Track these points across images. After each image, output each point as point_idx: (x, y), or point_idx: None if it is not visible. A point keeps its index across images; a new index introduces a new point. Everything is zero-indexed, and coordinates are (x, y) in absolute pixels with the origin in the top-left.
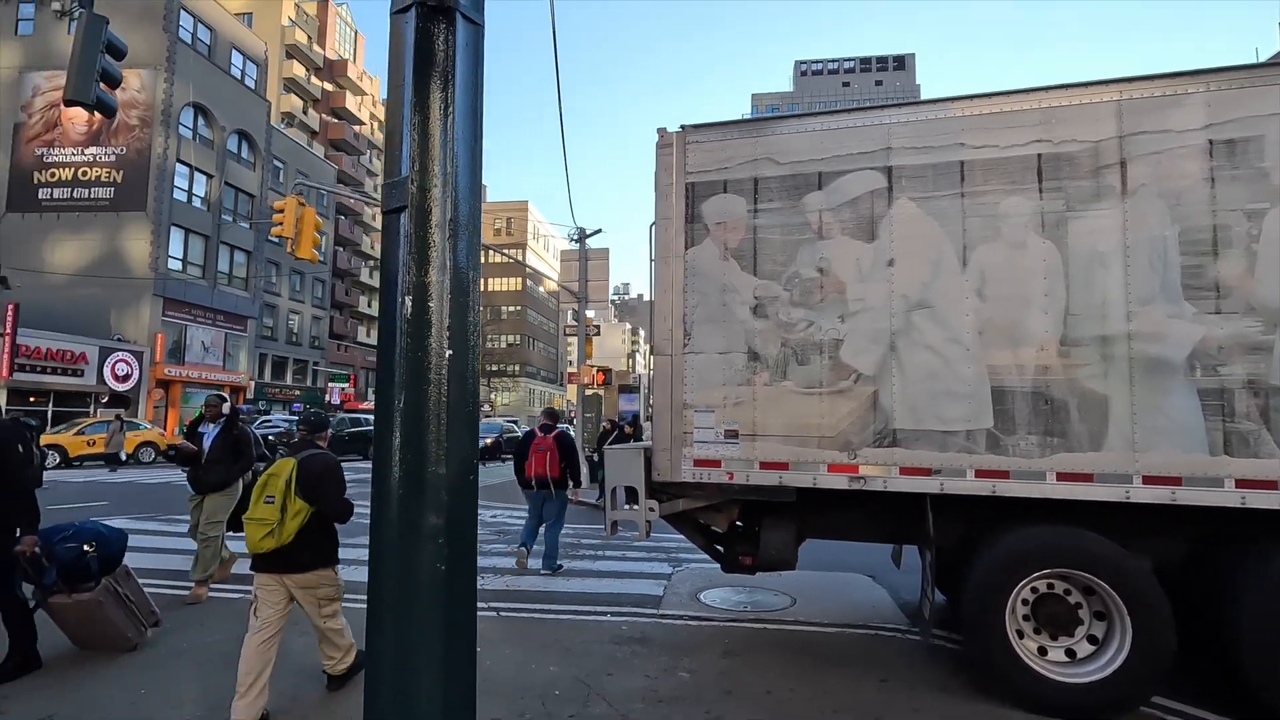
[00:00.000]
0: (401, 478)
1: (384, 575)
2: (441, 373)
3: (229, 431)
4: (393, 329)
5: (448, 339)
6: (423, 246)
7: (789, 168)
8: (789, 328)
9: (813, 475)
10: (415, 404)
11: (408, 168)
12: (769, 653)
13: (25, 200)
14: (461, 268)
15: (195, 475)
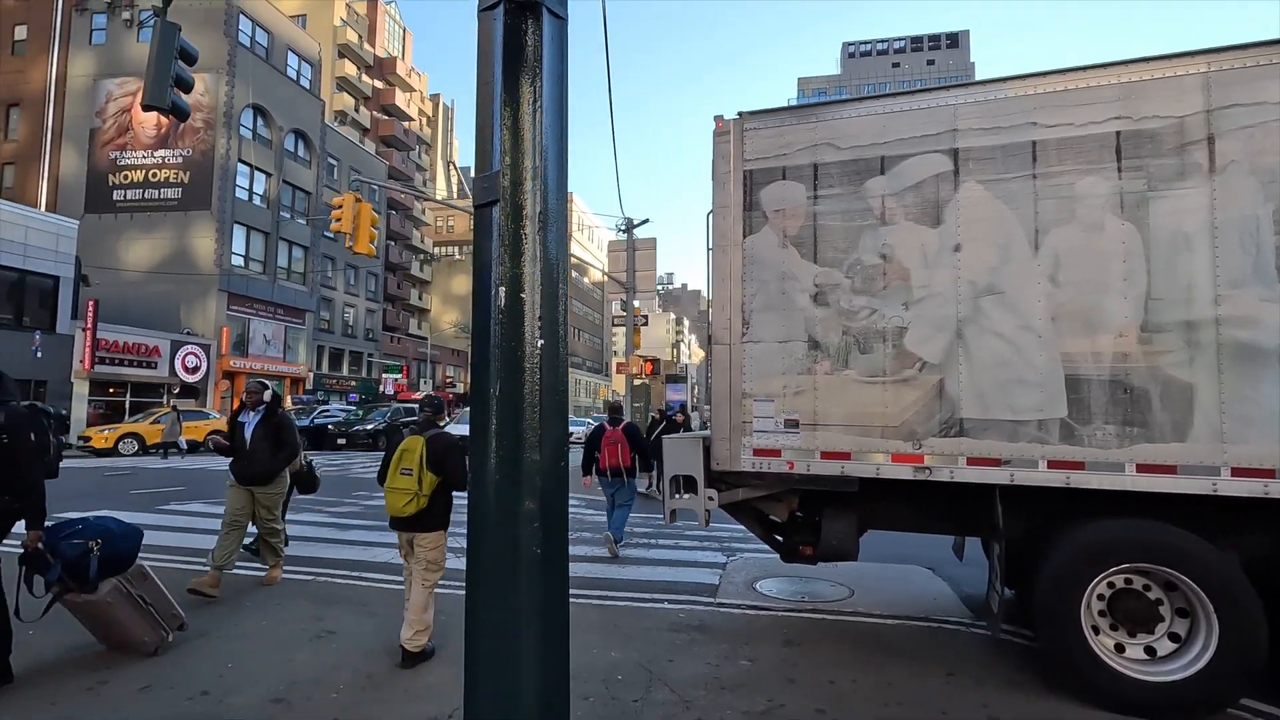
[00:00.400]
0: (498, 464)
1: (482, 558)
2: (534, 361)
3: (269, 419)
4: (487, 319)
5: (539, 328)
6: (515, 239)
7: (850, 152)
8: (851, 315)
9: (876, 465)
10: (510, 392)
11: (499, 162)
12: (829, 643)
13: (101, 202)
14: (551, 259)
15: (239, 466)
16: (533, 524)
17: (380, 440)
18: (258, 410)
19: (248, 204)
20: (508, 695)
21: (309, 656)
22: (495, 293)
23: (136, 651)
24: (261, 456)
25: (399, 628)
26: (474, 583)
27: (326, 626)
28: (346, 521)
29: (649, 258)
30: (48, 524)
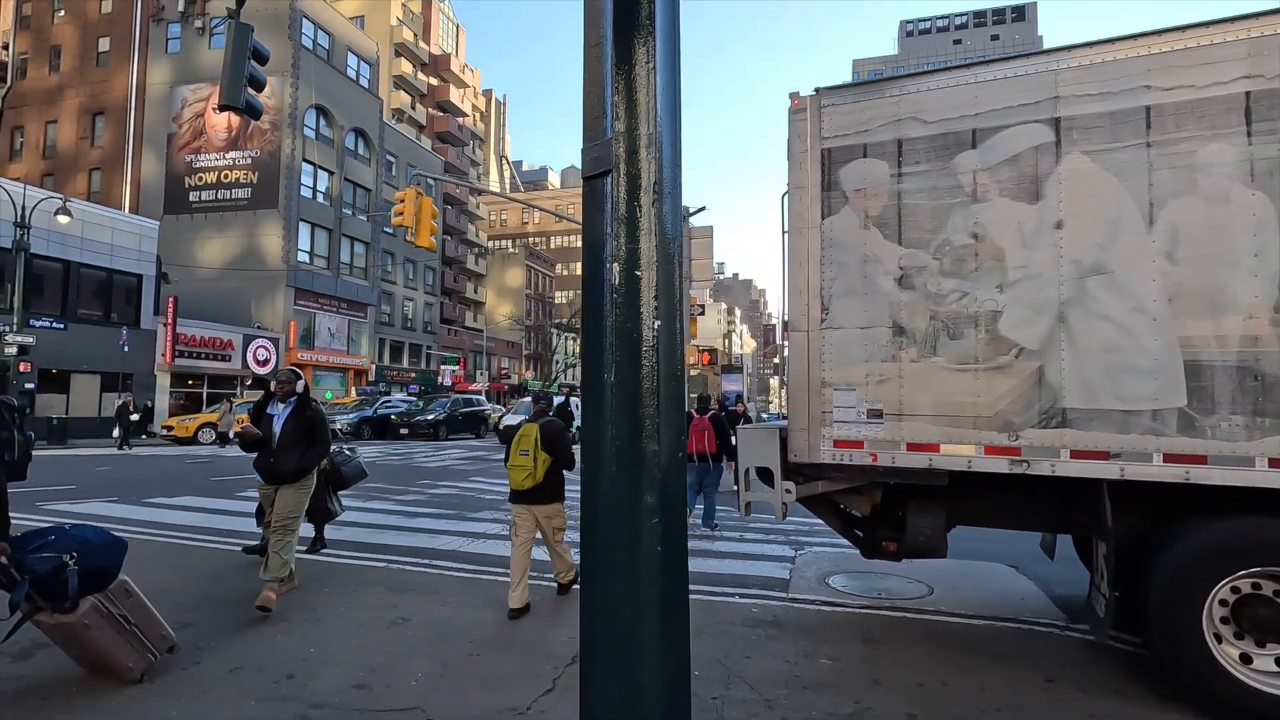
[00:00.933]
0: (616, 454)
1: (600, 552)
2: (652, 344)
3: (302, 413)
4: (600, 299)
5: (656, 308)
6: (631, 211)
7: (937, 126)
8: (939, 299)
9: (967, 458)
10: (626, 378)
11: (610, 130)
12: (912, 643)
13: (178, 203)
14: (668, 234)
15: (266, 463)
16: (652, 519)
17: (441, 429)
18: (289, 402)
19: (312, 202)
20: (629, 693)
21: (386, 643)
22: (609, 270)
23: (119, 678)
24: (292, 453)
25: (470, 614)
26: (592, 578)
27: (401, 614)
28: (413, 510)
29: (705, 246)
30: (14, 534)
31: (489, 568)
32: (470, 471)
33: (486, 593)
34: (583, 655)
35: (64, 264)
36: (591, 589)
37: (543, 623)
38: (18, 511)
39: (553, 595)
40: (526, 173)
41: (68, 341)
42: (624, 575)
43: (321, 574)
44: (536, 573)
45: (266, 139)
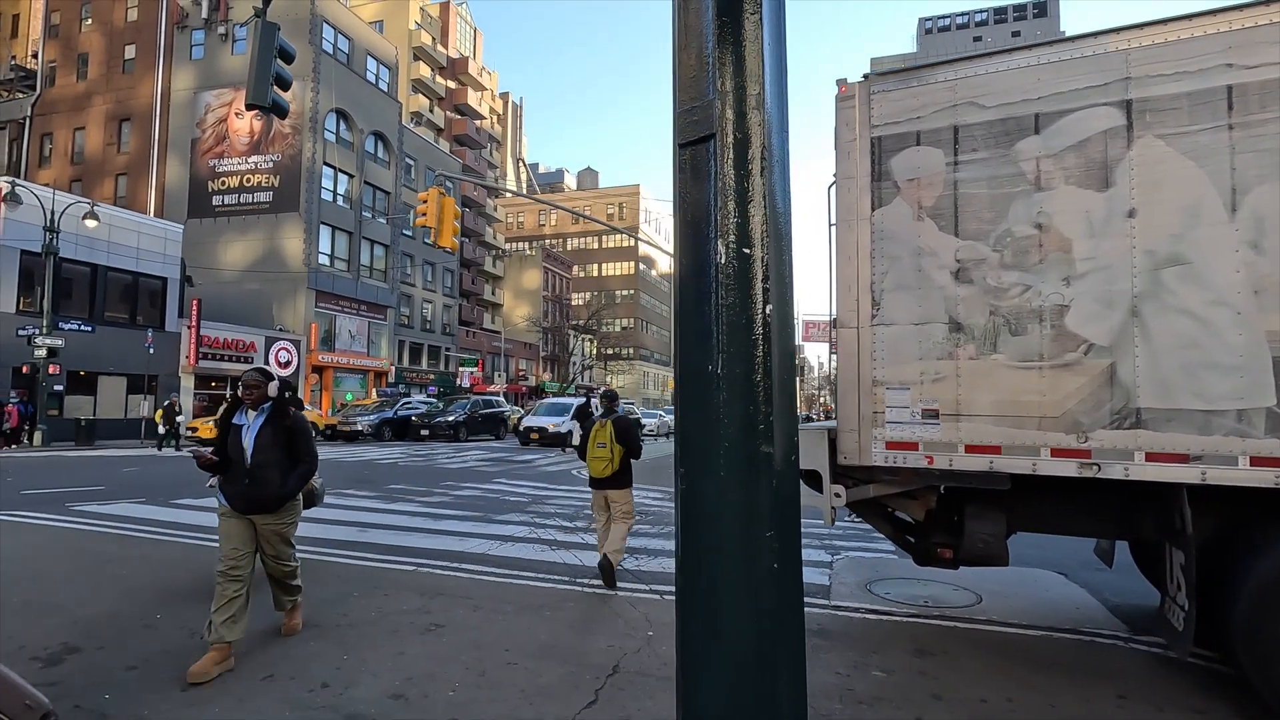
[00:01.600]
0: (724, 457)
1: (701, 567)
2: (763, 331)
3: (279, 421)
4: (704, 280)
5: (767, 290)
6: (740, 181)
7: (997, 111)
8: (999, 293)
9: (1031, 460)
10: (735, 369)
11: (713, 89)
12: (968, 654)
13: (202, 206)
14: (779, 207)
15: (236, 486)
16: (767, 531)
17: (461, 431)
18: (261, 410)
19: (332, 205)
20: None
21: (421, 650)
22: (714, 248)
23: None
24: (269, 474)
25: (504, 620)
26: (692, 592)
27: (434, 619)
28: (439, 511)
29: None
30: None
31: (519, 571)
32: (493, 473)
33: (519, 598)
34: (682, 676)
35: (91, 267)
36: (691, 605)
37: (579, 630)
38: (49, 512)
39: (589, 600)
40: (543, 175)
41: (95, 344)
42: (735, 593)
43: (351, 576)
44: (568, 576)
45: (288, 143)
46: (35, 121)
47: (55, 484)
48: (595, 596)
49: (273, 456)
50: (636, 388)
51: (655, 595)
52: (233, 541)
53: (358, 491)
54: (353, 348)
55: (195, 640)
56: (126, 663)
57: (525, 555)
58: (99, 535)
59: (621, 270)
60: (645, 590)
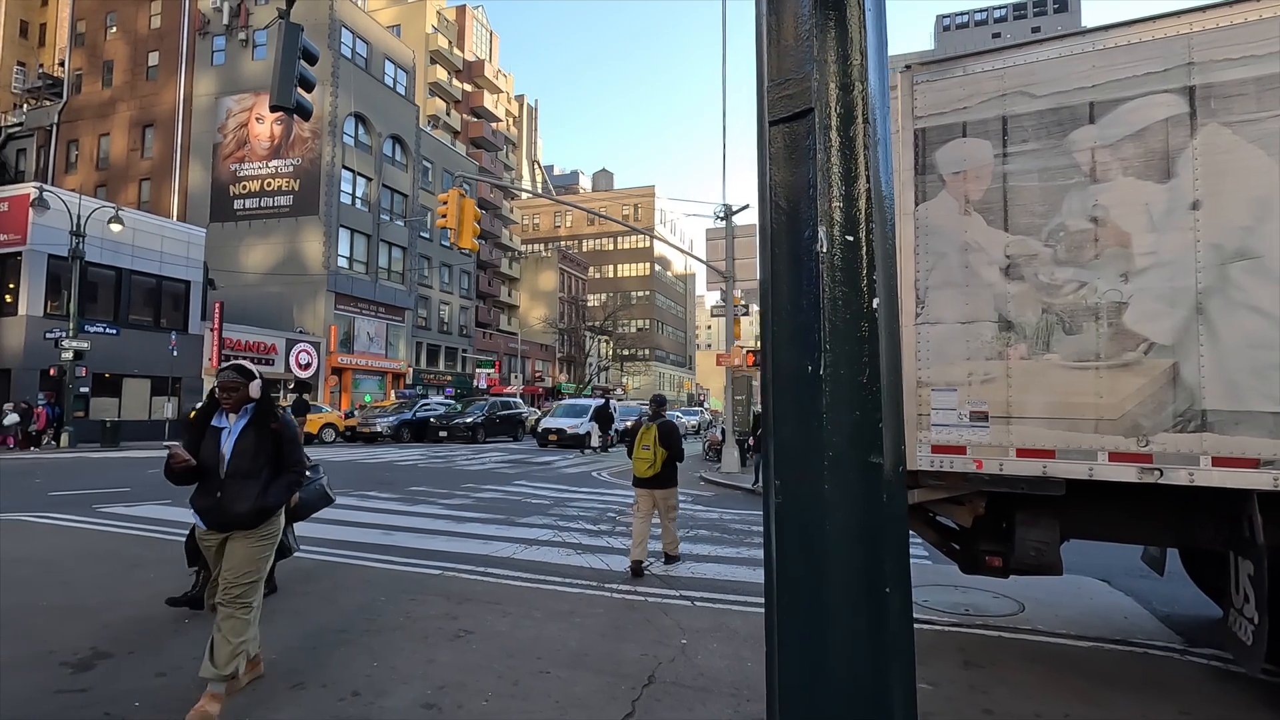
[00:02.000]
0: (830, 470)
1: (802, 593)
2: (870, 327)
3: (263, 425)
4: (803, 272)
5: (874, 282)
6: (845, 160)
7: (1049, 100)
8: (1053, 290)
9: (1088, 465)
10: (840, 371)
11: (810, 60)
12: (1017, 666)
13: (223, 210)
14: (884, 190)
15: (208, 499)
16: (878, 550)
17: (479, 432)
18: (243, 412)
19: (351, 208)
20: None
21: (451, 658)
22: (814, 235)
23: None
24: (248, 486)
25: (534, 627)
26: (789, 615)
27: (463, 625)
28: (462, 514)
29: (750, 245)
30: None
31: (545, 576)
32: (513, 475)
33: (547, 604)
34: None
35: (116, 271)
36: (791, 633)
37: (610, 637)
38: (76, 514)
39: (619, 606)
40: (558, 177)
41: (120, 346)
42: (844, 622)
43: (377, 580)
44: (596, 582)
45: (307, 147)
46: (62, 128)
47: (82, 485)
48: (624, 603)
49: (253, 466)
50: (652, 389)
51: (686, 601)
52: (215, 561)
53: (380, 493)
54: (371, 349)
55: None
56: (157, 669)
57: (551, 559)
58: (126, 537)
59: (637, 271)
60: (675, 596)
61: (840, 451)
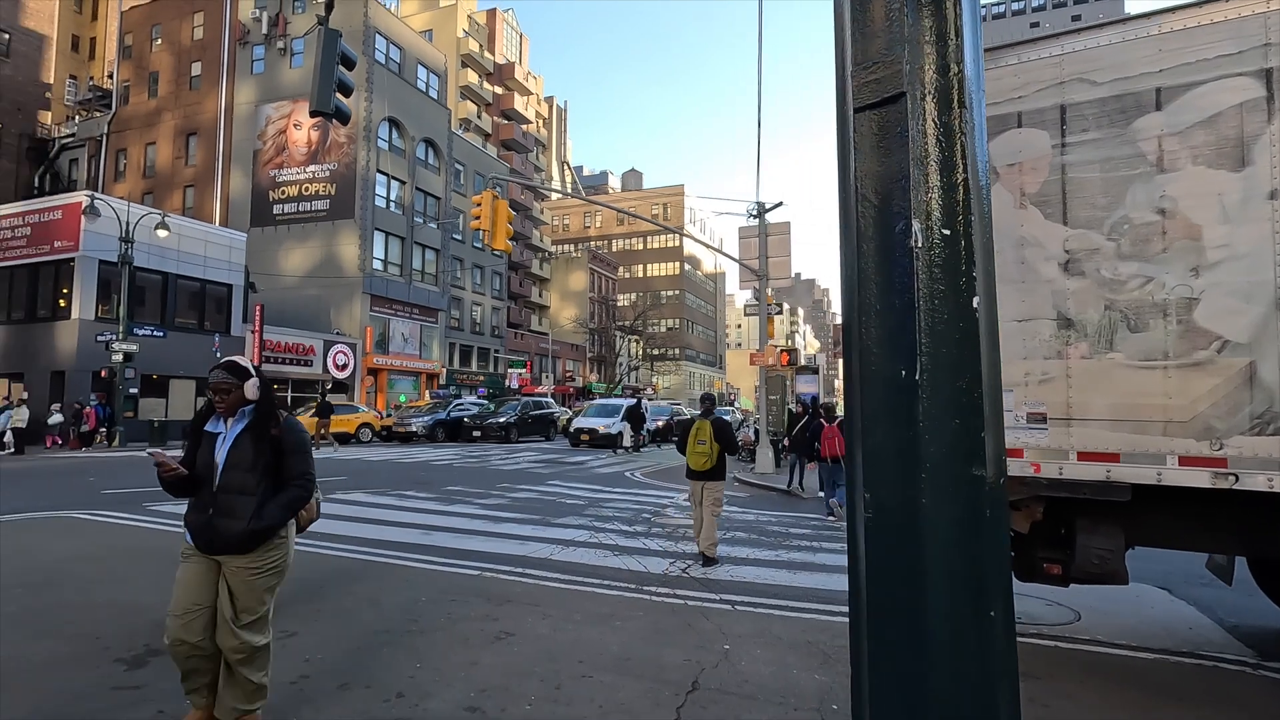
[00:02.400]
0: (929, 483)
1: (897, 617)
2: (970, 329)
3: (262, 430)
4: (896, 269)
5: (973, 280)
6: (942, 146)
7: (1110, 87)
8: (1116, 286)
9: (1155, 469)
10: (938, 376)
11: (901, 42)
12: (1078, 679)
13: (263, 215)
14: (980, 181)
15: (202, 515)
16: (983, 571)
17: (512, 432)
18: (239, 416)
19: (386, 211)
20: None
21: (493, 660)
22: (906, 228)
23: None
24: (241, 501)
25: (574, 629)
26: (883, 643)
27: (504, 627)
28: (497, 514)
29: (782, 243)
30: None
31: (583, 578)
32: (546, 475)
33: (587, 606)
34: None
35: (163, 276)
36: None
37: (651, 641)
38: (128, 512)
39: (658, 609)
40: (587, 178)
41: (166, 348)
42: (948, 650)
43: (417, 580)
44: (634, 584)
45: (343, 152)
46: (111, 138)
47: (133, 484)
48: (664, 606)
49: (249, 479)
50: (682, 388)
51: (726, 605)
52: (189, 593)
53: (417, 493)
54: (405, 350)
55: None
56: None
57: (588, 560)
58: (178, 535)
59: (666, 270)
60: (715, 600)
61: (939, 463)
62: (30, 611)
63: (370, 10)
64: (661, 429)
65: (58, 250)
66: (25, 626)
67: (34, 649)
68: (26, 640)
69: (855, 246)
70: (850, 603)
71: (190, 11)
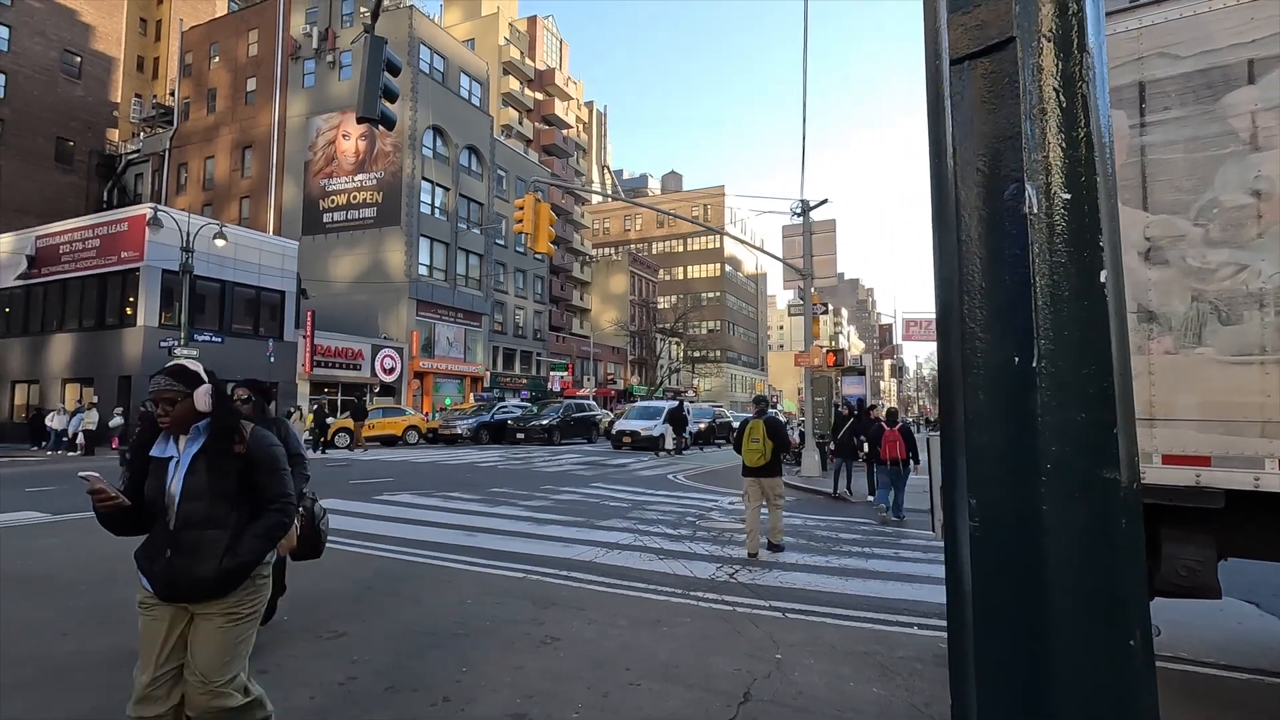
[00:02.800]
0: (1050, 487)
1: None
2: (1097, 309)
3: (222, 446)
4: (1007, 239)
5: (1100, 253)
6: (1061, 98)
7: (1196, 61)
8: (1205, 275)
9: (1253, 474)
10: (1060, 364)
11: None
12: (1167, 700)
13: (314, 224)
14: (1104, 138)
15: (158, 559)
16: (1117, 590)
17: (555, 434)
18: (193, 434)
19: (430, 217)
20: None
21: (539, 665)
22: (1019, 193)
23: None
24: (208, 536)
25: (620, 635)
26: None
27: (549, 631)
28: (542, 516)
29: (827, 241)
30: None
31: (629, 581)
32: (589, 477)
33: (633, 611)
34: None
35: (220, 283)
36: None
37: (699, 649)
38: None
39: (706, 615)
40: (627, 181)
41: (224, 354)
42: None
43: (462, 582)
44: (680, 589)
45: (389, 160)
46: (173, 153)
47: None
48: (711, 612)
49: (216, 510)
50: (724, 390)
51: (776, 613)
52: (157, 652)
53: (462, 494)
54: (450, 354)
55: (337, 642)
56: (260, 666)
57: (633, 564)
58: None
59: (707, 272)
60: (764, 607)
61: (1062, 464)
62: (94, 609)
63: (415, 21)
64: (704, 431)
65: (124, 260)
66: (89, 624)
67: (97, 645)
68: (90, 637)
69: (954, 217)
70: (950, 616)
71: (246, 29)
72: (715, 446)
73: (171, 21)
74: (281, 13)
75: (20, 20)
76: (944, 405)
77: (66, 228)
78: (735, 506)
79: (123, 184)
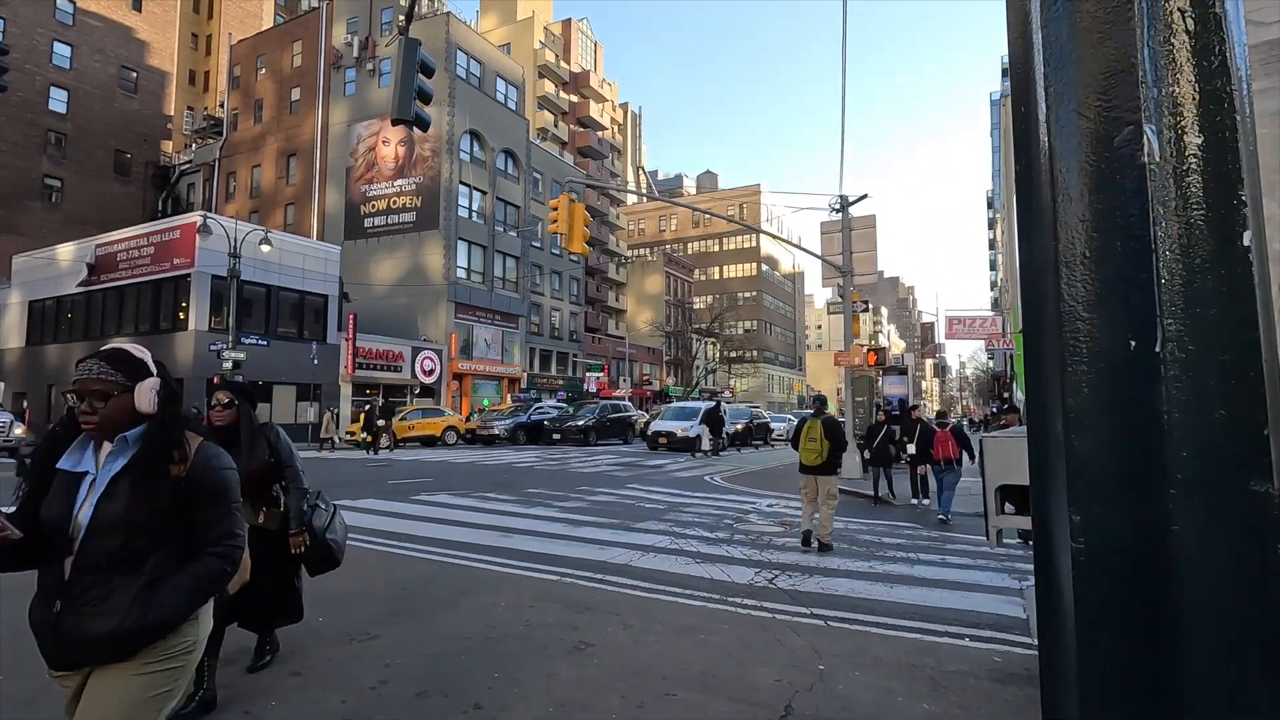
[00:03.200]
0: (1179, 499)
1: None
2: (1238, 276)
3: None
4: (1117, 197)
5: (1242, 211)
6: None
7: None
8: None
9: None
10: (1191, 347)
11: None
12: None
13: (355, 229)
14: (1241, 74)
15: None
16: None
17: (590, 435)
18: (120, 444)
19: (468, 221)
20: None
21: (572, 673)
22: (1135, 138)
23: None
24: (113, 587)
25: (656, 642)
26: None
27: (583, 637)
28: (577, 518)
29: (867, 238)
30: None
31: (664, 585)
32: (625, 478)
33: (668, 617)
34: None
35: (266, 288)
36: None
37: (738, 658)
38: None
39: (744, 623)
40: (662, 182)
41: (270, 356)
42: None
43: (496, 584)
44: (718, 595)
45: (428, 165)
46: (222, 162)
47: None
48: (750, 619)
49: (130, 546)
50: (760, 391)
51: (818, 621)
52: None
53: (498, 495)
54: (488, 355)
55: (370, 645)
56: (292, 669)
57: (669, 568)
58: None
59: (743, 272)
60: (806, 614)
61: (1198, 475)
62: None
63: (451, 28)
64: (740, 432)
65: (176, 267)
66: None
67: None
68: None
69: (1045, 175)
70: (1041, 645)
71: (290, 41)
72: (753, 448)
73: (221, 36)
74: (324, 24)
75: (81, 39)
76: (1034, 403)
77: (124, 236)
78: (774, 509)
79: (176, 193)
